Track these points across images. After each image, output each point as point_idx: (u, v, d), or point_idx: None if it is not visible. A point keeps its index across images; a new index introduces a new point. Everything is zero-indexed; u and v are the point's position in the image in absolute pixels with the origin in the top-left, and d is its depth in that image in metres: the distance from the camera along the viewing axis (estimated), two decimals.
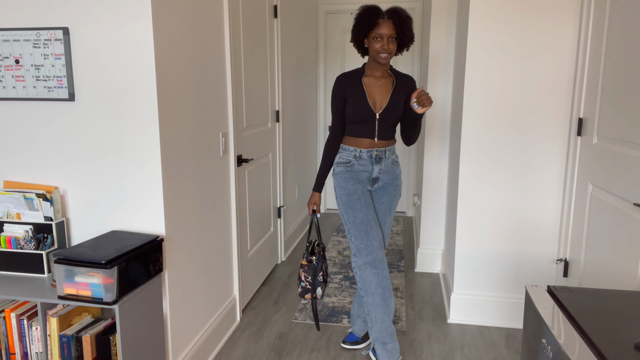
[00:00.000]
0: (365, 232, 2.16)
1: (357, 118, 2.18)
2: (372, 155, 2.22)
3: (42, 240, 1.83)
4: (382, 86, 2.20)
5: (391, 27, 2.08)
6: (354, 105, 2.18)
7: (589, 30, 2.25)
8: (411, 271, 3.55)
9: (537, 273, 2.62)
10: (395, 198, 2.31)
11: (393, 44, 2.11)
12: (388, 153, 2.25)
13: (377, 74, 2.21)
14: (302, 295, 2.31)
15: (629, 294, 1.26)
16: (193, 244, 2.14)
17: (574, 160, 2.39)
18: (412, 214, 5.08)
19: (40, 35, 1.77)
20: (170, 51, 1.87)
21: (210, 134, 2.29)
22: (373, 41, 2.11)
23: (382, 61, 2.12)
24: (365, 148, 2.21)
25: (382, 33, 2.08)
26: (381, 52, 2.10)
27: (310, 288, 2.28)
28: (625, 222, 1.82)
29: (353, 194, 2.21)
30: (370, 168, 2.23)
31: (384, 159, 2.24)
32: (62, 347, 1.64)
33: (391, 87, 2.21)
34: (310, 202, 2.36)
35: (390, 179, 2.28)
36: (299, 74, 4.11)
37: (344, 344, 2.48)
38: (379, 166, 2.23)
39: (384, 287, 2.16)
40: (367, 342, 2.49)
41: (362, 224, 2.17)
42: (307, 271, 2.28)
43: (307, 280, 2.28)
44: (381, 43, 2.09)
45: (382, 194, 2.29)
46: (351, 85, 2.20)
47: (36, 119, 1.86)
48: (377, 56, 2.12)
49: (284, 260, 3.73)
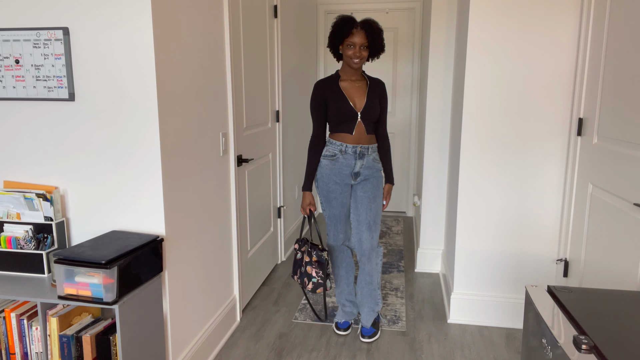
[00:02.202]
0: (334, 226, 2.56)
1: (341, 119, 2.40)
2: (357, 150, 2.42)
3: (42, 240, 1.83)
4: (358, 88, 2.45)
5: (363, 37, 2.31)
6: (337, 107, 2.39)
7: (589, 30, 2.25)
8: (411, 271, 3.55)
9: (537, 273, 2.62)
10: (378, 186, 2.52)
11: (365, 51, 2.35)
12: (370, 150, 2.46)
13: (352, 78, 2.45)
14: (314, 290, 2.47)
15: (629, 294, 1.26)
16: (193, 244, 2.14)
17: (574, 160, 2.39)
18: (412, 214, 5.08)
19: (40, 35, 1.77)
20: (171, 51, 1.87)
21: (210, 134, 2.29)
22: (347, 48, 2.35)
23: (355, 66, 2.37)
24: (351, 144, 2.42)
25: (354, 41, 2.32)
26: (354, 58, 2.34)
27: (322, 282, 2.45)
28: (625, 222, 1.82)
29: (332, 192, 2.49)
30: (353, 162, 2.44)
31: (367, 155, 2.45)
32: (62, 347, 1.64)
33: (366, 88, 2.46)
34: (305, 203, 2.54)
35: (371, 173, 2.49)
36: (299, 74, 4.11)
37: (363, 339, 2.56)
38: (361, 161, 2.44)
39: (347, 264, 2.64)
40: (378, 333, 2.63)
41: (333, 218, 2.55)
42: (318, 267, 2.45)
43: (319, 276, 2.45)
44: (354, 50, 2.33)
45: (365, 184, 2.49)
46: (330, 90, 2.42)
47: (36, 119, 1.86)
48: (350, 61, 2.36)
49: (284, 260, 3.73)
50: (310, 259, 2.46)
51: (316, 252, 2.46)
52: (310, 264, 2.46)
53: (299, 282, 2.52)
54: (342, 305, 2.67)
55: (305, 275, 2.48)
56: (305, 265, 2.47)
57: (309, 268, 2.46)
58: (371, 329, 2.57)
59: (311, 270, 2.45)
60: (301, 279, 2.51)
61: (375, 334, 2.57)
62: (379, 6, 4.74)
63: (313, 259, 2.45)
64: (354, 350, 2.46)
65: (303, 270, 2.49)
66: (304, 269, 2.49)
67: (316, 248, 2.47)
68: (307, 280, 2.47)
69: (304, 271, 2.48)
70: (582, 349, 0.99)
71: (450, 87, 3.28)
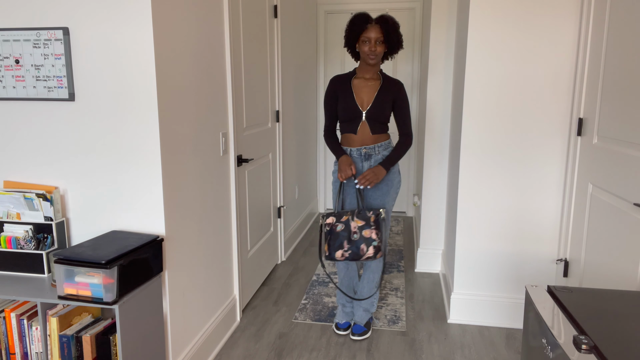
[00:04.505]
0: None
1: (346, 116, 2.39)
2: (362, 153, 2.41)
3: (42, 240, 1.83)
4: (370, 87, 2.40)
5: (378, 31, 2.29)
6: (343, 103, 2.38)
7: (589, 30, 2.25)
8: (411, 271, 3.55)
9: (537, 273, 2.62)
10: (389, 192, 2.44)
11: (380, 46, 2.32)
12: (379, 149, 2.42)
13: (366, 76, 2.42)
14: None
15: (629, 294, 1.26)
16: (193, 244, 2.14)
17: (574, 160, 2.38)
18: (412, 214, 5.08)
19: (40, 35, 1.77)
20: (171, 51, 1.87)
21: (210, 134, 2.29)
22: (362, 44, 2.32)
23: (371, 62, 2.33)
24: (355, 147, 2.42)
25: (369, 36, 2.29)
26: (369, 54, 2.31)
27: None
28: (625, 222, 1.82)
29: (345, 186, 2.48)
30: (360, 165, 2.43)
31: (374, 155, 2.42)
32: (62, 347, 1.64)
33: (378, 87, 2.40)
34: (345, 164, 2.34)
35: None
36: (299, 74, 4.11)
37: (353, 336, 2.55)
38: (368, 162, 2.43)
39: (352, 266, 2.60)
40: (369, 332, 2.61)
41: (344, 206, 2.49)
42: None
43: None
44: (369, 45, 2.30)
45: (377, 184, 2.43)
46: (342, 86, 2.41)
47: (36, 119, 1.86)
48: (366, 57, 2.33)
49: (284, 260, 3.73)
50: (368, 222, 2.30)
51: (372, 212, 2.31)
52: (368, 226, 2.29)
53: (348, 255, 2.32)
54: (343, 305, 2.67)
55: (362, 241, 2.29)
56: (361, 230, 2.29)
57: (367, 231, 2.28)
58: (363, 327, 2.58)
59: (370, 233, 2.29)
60: (354, 251, 2.30)
61: (366, 332, 2.57)
62: (379, 6, 4.74)
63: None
64: (354, 350, 2.46)
65: (357, 238, 2.29)
66: (357, 236, 2.29)
67: (363, 211, 2.33)
68: (365, 247, 2.29)
69: (359, 237, 2.28)
70: (582, 349, 0.99)
71: (450, 87, 3.28)
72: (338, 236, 2.31)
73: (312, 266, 3.61)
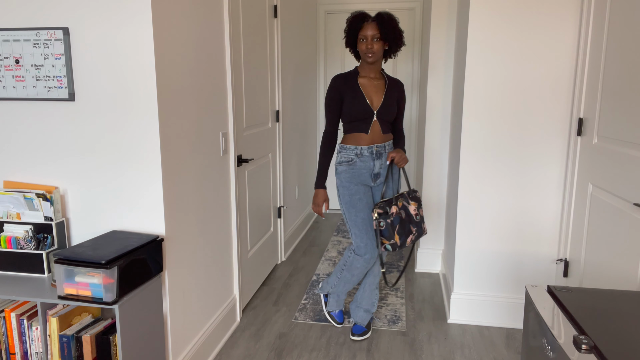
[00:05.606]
0: (365, 231, 2.36)
1: (356, 116, 2.33)
2: (373, 151, 2.37)
3: (42, 240, 1.83)
4: (377, 86, 2.38)
5: (374, 28, 2.26)
6: (353, 104, 2.32)
7: (589, 30, 2.25)
8: (411, 271, 3.55)
9: (537, 273, 2.62)
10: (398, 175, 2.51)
11: (377, 43, 2.28)
12: (388, 148, 2.41)
13: (371, 75, 2.39)
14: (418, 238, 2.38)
15: (629, 294, 1.26)
16: (193, 244, 2.14)
17: (574, 160, 2.38)
18: None
19: (40, 35, 1.77)
20: (170, 51, 1.87)
21: (210, 134, 2.29)
22: (360, 43, 2.31)
23: (369, 60, 2.30)
24: (366, 145, 2.37)
25: (366, 34, 2.27)
26: (367, 52, 2.29)
27: None
28: (625, 222, 1.82)
29: (355, 194, 2.37)
30: (371, 164, 2.38)
31: (384, 154, 2.40)
32: (62, 347, 1.64)
33: (384, 87, 2.40)
34: (320, 199, 2.42)
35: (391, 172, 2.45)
36: (299, 74, 4.11)
37: (353, 336, 2.55)
38: (379, 161, 2.39)
39: (364, 275, 2.52)
40: (369, 332, 2.60)
41: (362, 224, 2.36)
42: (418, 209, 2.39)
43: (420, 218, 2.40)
44: (366, 43, 2.28)
45: (381, 187, 2.44)
46: (348, 86, 2.35)
47: (36, 119, 1.86)
48: (364, 56, 2.31)
49: (284, 260, 3.73)
50: (419, 201, 2.38)
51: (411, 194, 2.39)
52: (420, 205, 2.38)
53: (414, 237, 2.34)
54: (338, 295, 2.65)
55: (422, 220, 2.38)
56: (415, 214, 2.35)
57: (422, 210, 2.39)
58: (363, 327, 2.58)
59: (422, 212, 2.40)
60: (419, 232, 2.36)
61: (366, 332, 2.57)
62: (379, 6, 4.74)
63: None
64: (354, 350, 2.46)
65: (419, 219, 2.36)
66: (419, 217, 2.36)
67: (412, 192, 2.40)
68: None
69: (418, 219, 2.35)
70: (582, 349, 0.99)
71: (450, 87, 3.28)
72: (405, 223, 2.31)
73: (312, 266, 3.61)
